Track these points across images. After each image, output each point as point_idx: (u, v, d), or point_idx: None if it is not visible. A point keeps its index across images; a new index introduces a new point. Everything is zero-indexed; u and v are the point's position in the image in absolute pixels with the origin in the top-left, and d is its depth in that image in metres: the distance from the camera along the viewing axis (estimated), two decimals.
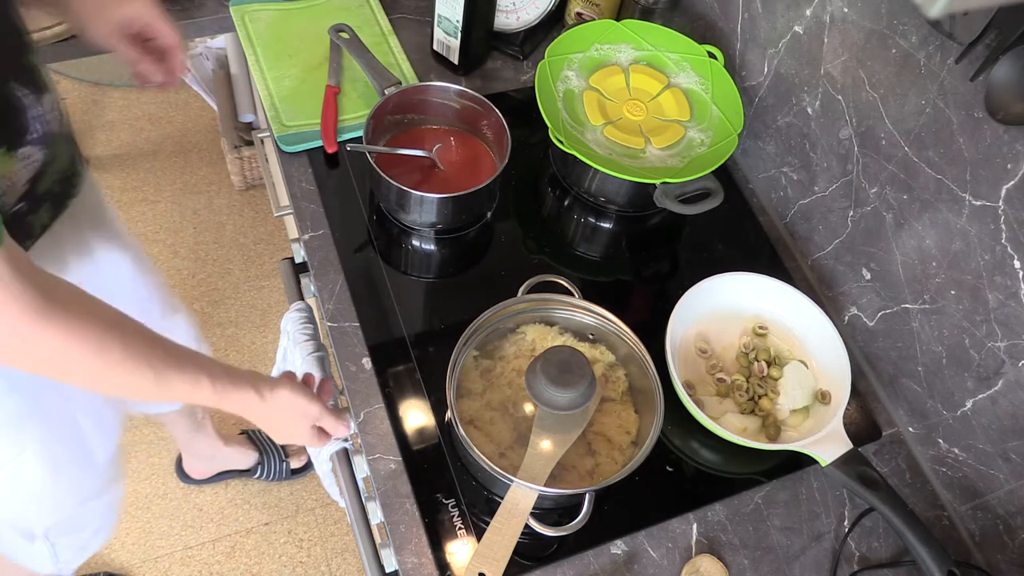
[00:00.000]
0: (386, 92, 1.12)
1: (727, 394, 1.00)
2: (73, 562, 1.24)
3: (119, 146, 2.23)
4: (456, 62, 1.23)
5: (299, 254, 1.17)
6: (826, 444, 0.94)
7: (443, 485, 0.91)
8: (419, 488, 0.91)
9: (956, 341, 0.93)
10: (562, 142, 1.06)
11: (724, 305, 1.05)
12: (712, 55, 1.18)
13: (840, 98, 1.01)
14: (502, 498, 0.84)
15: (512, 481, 0.83)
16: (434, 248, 1.10)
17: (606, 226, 1.17)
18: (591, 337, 0.98)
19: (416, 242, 1.10)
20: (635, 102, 1.17)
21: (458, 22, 1.16)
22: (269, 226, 2.14)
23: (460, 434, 0.85)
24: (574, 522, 0.84)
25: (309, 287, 1.15)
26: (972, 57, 0.79)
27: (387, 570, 0.96)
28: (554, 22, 1.32)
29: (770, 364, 1.02)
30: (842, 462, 0.93)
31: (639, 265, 1.15)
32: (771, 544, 0.95)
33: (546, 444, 0.87)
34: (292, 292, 1.17)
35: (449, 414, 0.92)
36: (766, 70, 1.14)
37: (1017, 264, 0.83)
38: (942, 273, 0.93)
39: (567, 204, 1.17)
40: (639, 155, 1.12)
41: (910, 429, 1.04)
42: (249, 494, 1.77)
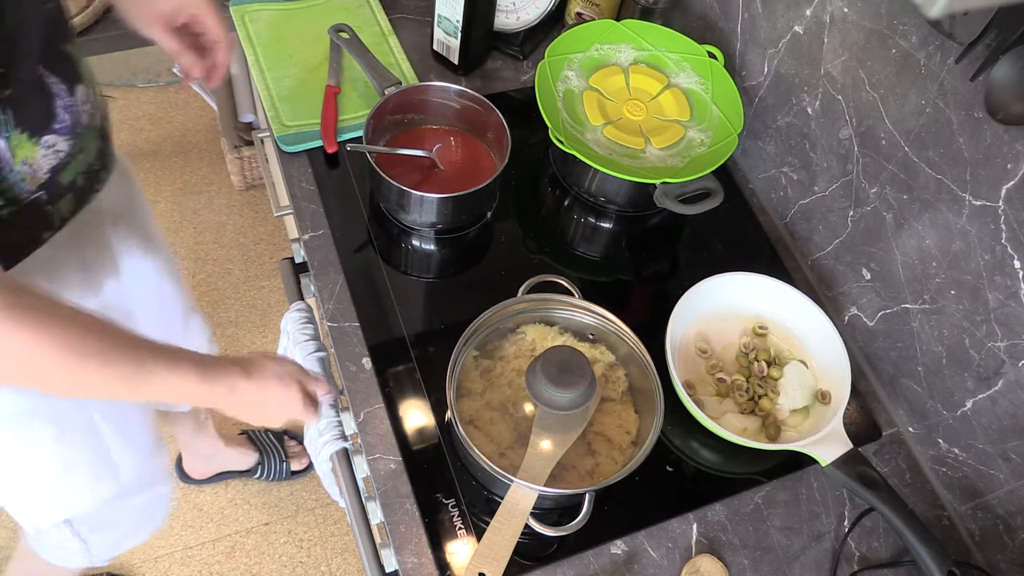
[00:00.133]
0: (386, 92, 1.12)
1: (727, 394, 1.00)
2: (106, 556, 1.24)
3: (119, 146, 2.18)
4: (456, 62, 1.23)
5: (299, 254, 1.17)
6: (826, 444, 0.94)
7: (443, 485, 0.91)
8: (419, 488, 0.91)
9: (956, 341, 0.93)
10: (562, 142, 1.06)
11: (724, 305, 1.05)
12: (712, 55, 1.18)
13: (840, 98, 1.01)
14: (502, 498, 0.84)
15: (512, 481, 0.83)
16: (434, 248, 1.10)
17: (606, 226, 1.17)
18: (591, 337, 0.98)
19: (416, 242, 1.10)
20: (635, 102, 1.17)
21: (458, 22, 1.16)
22: (269, 226, 2.14)
23: (460, 434, 0.85)
24: (574, 522, 0.84)
25: (309, 287, 1.15)
26: (972, 57, 0.79)
27: (387, 570, 0.96)
28: (554, 22, 1.32)
29: (770, 364, 1.02)
30: (842, 462, 0.93)
31: (639, 265, 1.15)
32: (771, 544, 0.95)
33: (546, 444, 0.87)
34: (292, 292, 1.17)
35: (449, 414, 0.92)
36: (766, 70, 1.14)
37: (1017, 264, 0.83)
38: (942, 273, 0.93)
39: (567, 204, 1.17)
40: (639, 155, 1.12)
41: (910, 429, 1.04)
42: (249, 494, 1.77)
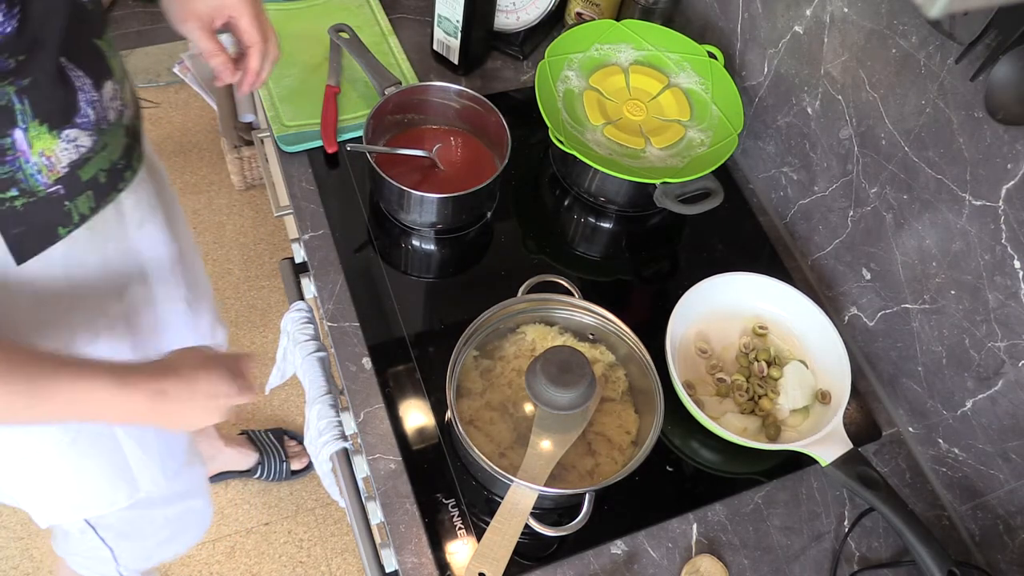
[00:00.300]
0: (386, 92, 1.12)
1: (727, 394, 1.00)
2: (137, 568, 1.21)
3: None
4: (456, 62, 1.23)
5: (299, 254, 1.17)
6: (826, 444, 0.94)
7: (443, 485, 0.91)
8: (419, 488, 0.91)
9: (956, 341, 0.93)
10: (562, 142, 1.06)
11: (724, 305, 1.05)
12: (712, 55, 1.18)
13: (840, 98, 1.01)
14: (502, 498, 0.84)
15: (512, 481, 0.83)
16: (434, 248, 1.10)
17: (606, 226, 1.17)
18: (591, 337, 0.98)
19: (416, 242, 1.10)
20: (635, 102, 1.17)
21: (458, 22, 1.16)
22: (269, 226, 2.14)
23: (460, 434, 0.85)
24: (574, 522, 0.84)
25: (309, 287, 1.15)
26: (972, 57, 0.79)
27: (387, 570, 0.96)
28: (554, 22, 1.32)
29: (770, 364, 1.02)
30: (842, 462, 0.93)
31: (639, 265, 1.15)
32: (771, 544, 0.95)
33: (546, 444, 0.87)
34: (292, 292, 1.17)
35: (449, 414, 0.92)
36: (766, 70, 1.14)
37: (1017, 264, 0.83)
38: (942, 273, 0.93)
39: (567, 204, 1.17)
40: (639, 155, 1.12)
41: (910, 429, 1.04)
42: (249, 494, 1.77)
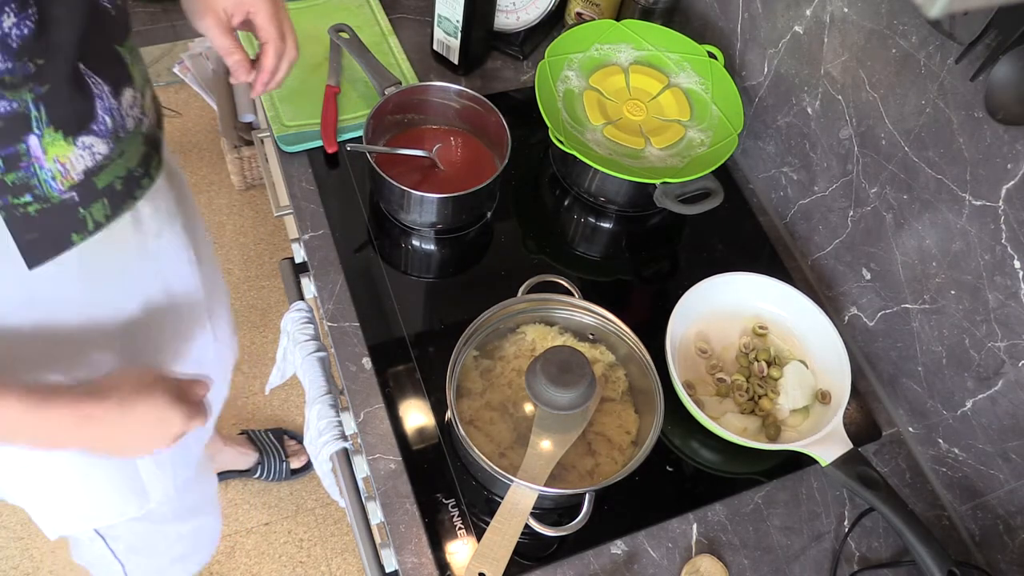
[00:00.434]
0: (386, 92, 1.12)
1: (727, 394, 1.00)
2: None
3: None
4: (456, 62, 1.23)
5: (299, 254, 1.17)
6: (826, 444, 0.94)
7: (443, 485, 0.91)
8: (419, 488, 0.91)
9: (956, 341, 0.93)
10: (562, 142, 1.06)
11: (724, 305, 1.05)
12: (712, 55, 1.18)
13: (840, 98, 1.01)
14: (502, 498, 0.84)
15: (512, 481, 0.83)
16: (434, 248, 1.10)
17: (606, 226, 1.17)
18: (591, 337, 0.98)
19: (416, 242, 1.10)
20: (635, 102, 1.17)
21: (458, 22, 1.16)
22: (269, 226, 2.14)
23: (460, 434, 0.85)
24: (574, 522, 0.84)
25: (309, 287, 1.15)
26: (972, 57, 0.79)
27: (387, 570, 0.96)
28: (554, 22, 1.32)
29: (770, 364, 1.02)
30: (842, 462, 0.93)
31: (639, 265, 1.15)
32: (771, 544, 0.95)
33: (546, 444, 0.87)
34: (292, 292, 1.17)
35: (449, 414, 0.92)
36: (766, 70, 1.14)
37: (1017, 264, 0.83)
38: (942, 273, 0.93)
39: (567, 204, 1.17)
40: (639, 155, 1.12)
41: (910, 429, 1.04)
42: (249, 494, 1.77)
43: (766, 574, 0.93)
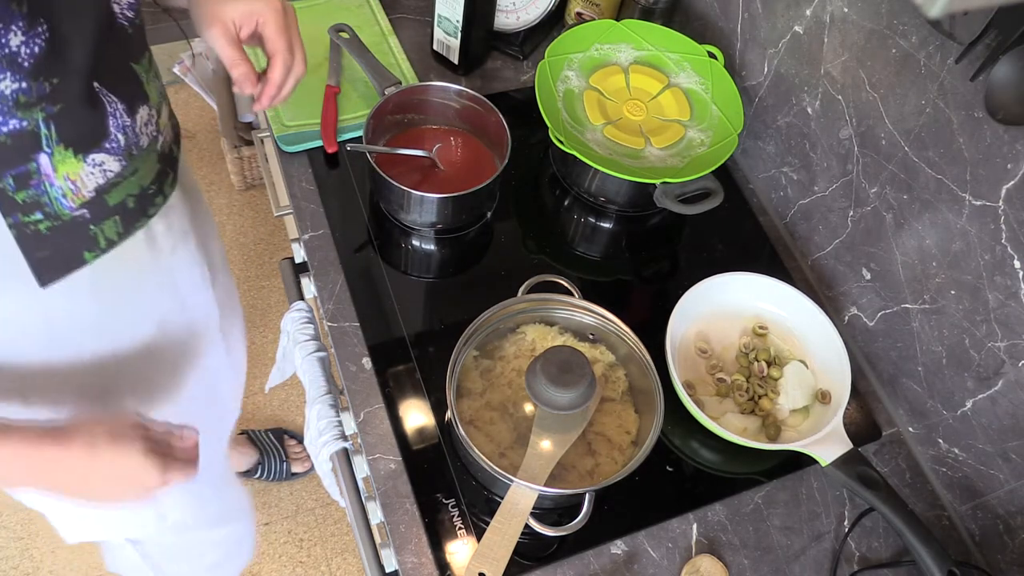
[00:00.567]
0: (386, 92, 1.12)
1: (727, 394, 1.00)
2: None
3: None
4: (456, 62, 1.23)
5: (299, 254, 1.17)
6: (826, 444, 0.94)
7: (443, 485, 0.91)
8: (419, 488, 0.91)
9: (956, 341, 0.93)
10: (562, 142, 1.06)
11: (724, 305, 1.05)
12: (712, 55, 1.18)
13: (840, 98, 1.01)
14: (502, 498, 0.84)
15: (512, 481, 0.83)
16: (434, 248, 1.10)
17: (606, 226, 1.17)
18: (591, 337, 0.98)
19: (416, 242, 1.10)
20: (635, 102, 1.17)
21: (458, 22, 1.16)
22: (269, 226, 2.14)
23: (460, 434, 0.85)
24: (574, 522, 0.84)
25: (309, 287, 1.15)
26: (972, 57, 0.79)
27: (387, 570, 0.96)
28: (554, 22, 1.32)
29: (770, 364, 1.02)
30: (842, 462, 0.93)
31: (639, 265, 1.15)
32: (771, 544, 0.95)
33: (546, 444, 0.87)
34: (292, 292, 1.17)
35: (449, 414, 0.92)
36: (766, 70, 1.14)
37: (1017, 264, 0.83)
38: (942, 273, 0.93)
39: (567, 204, 1.17)
40: (639, 155, 1.12)
41: (910, 429, 1.04)
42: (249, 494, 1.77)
43: (766, 574, 0.93)
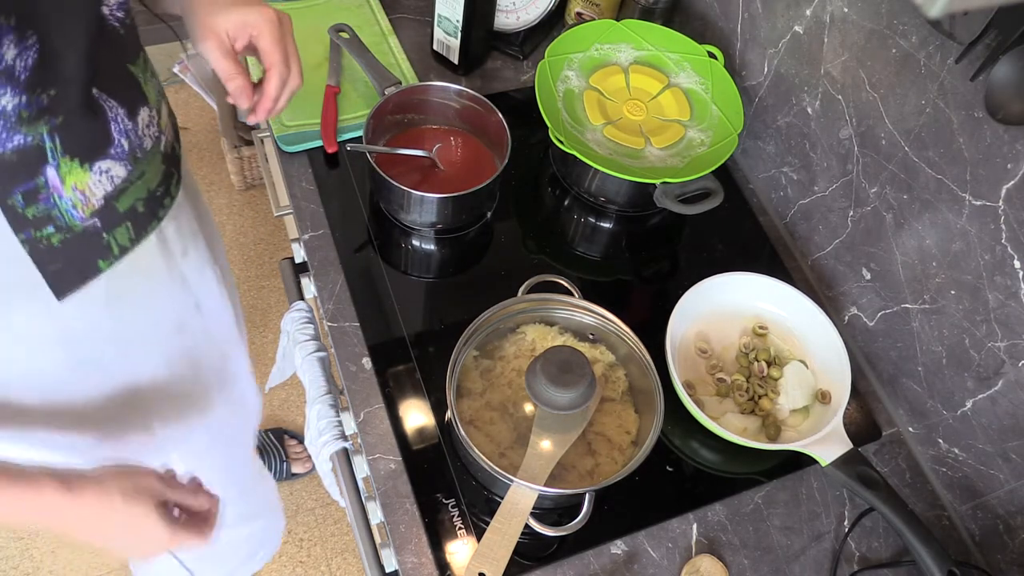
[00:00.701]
0: (386, 92, 1.12)
1: (727, 394, 1.00)
2: None
3: None
4: (456, 62, 1.23)
5: (299, 254, 1.17)
6: (826, 444, 0.94)
7: (443, 485, 0.91)
8: (419, 488, 0.91)
9: (956, 341, 0.93)
10: (562, 142, 1.06)
11: (724, 305, 1.05)
12: (712, 55, 1.18)
13: (840, 98, 1.01)
14: (502, 498, 0.84)
15: (512, 481, 0.83)
16: (434, 248, 1.10)
17: (606, 226, 1.17)
18: (591, 337, 0.98)
19: (416, 242, 1.10)
20: (635, 102, 1.17)
21: (458, 22, 1.16)
22: (269, 226, 2.14)
23: (460, 434, 0.85)
24: (574, 522, 0.84)
25: (309, 287, 1.15)
26: (972, 57, 0.79)
27: (387, 570, 0.96)
28: (554, 22, 1.32)
29: (770, 364, 1.02)
30: (842, 462, 0.93)
31: (639, 265, 1.15)
32: (771, 544, 0.95)
33: (546, 444, 0.87)
34: (292, 292, 1.17)
35: (449, 414, 0.92)
36: (766, 70, 1.14)
37: (1017, 264, 0.83)
38: (942, 273, 0.93)
39: (567, 204, 1.17)
40: (639, 155, 1.12)
41: (910, 429, 1.04)
42: None
43: (766, 574, 0.93)
